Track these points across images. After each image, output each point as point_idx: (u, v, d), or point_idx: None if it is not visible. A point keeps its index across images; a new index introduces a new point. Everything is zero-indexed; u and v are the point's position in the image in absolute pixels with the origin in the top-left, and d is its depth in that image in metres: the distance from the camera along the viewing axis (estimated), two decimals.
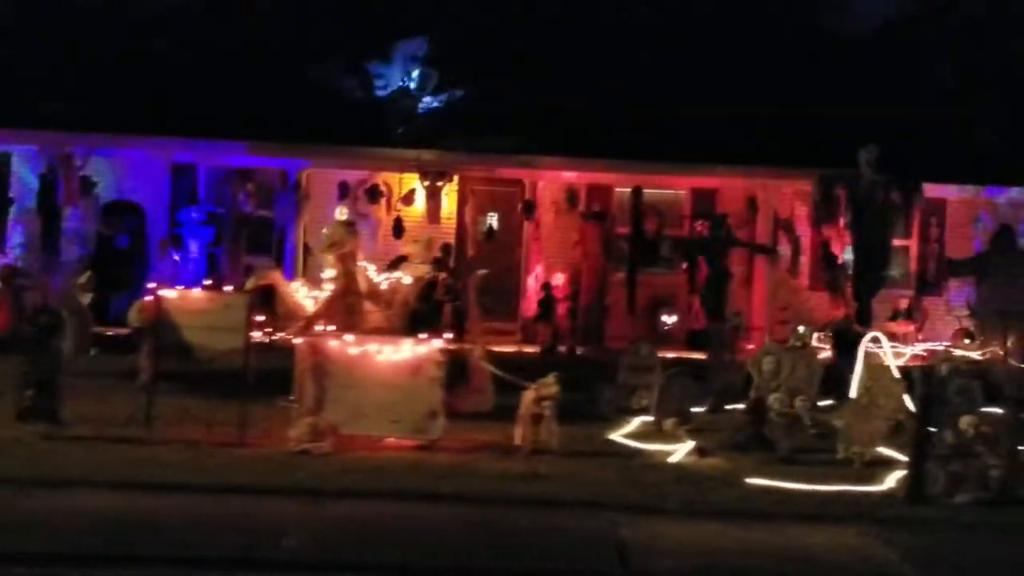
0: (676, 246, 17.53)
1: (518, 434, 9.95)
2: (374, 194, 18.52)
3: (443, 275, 18.27)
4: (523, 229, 19.15)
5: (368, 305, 10.83)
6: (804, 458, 10.16)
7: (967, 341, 19.36)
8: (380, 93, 18.79)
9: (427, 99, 18.83)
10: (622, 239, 18.97)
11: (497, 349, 16.41)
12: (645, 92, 18.54)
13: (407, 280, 11.20)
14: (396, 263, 17.77)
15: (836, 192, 15.68)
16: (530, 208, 18.47)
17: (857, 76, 18.19)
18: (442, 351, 9.91)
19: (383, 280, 11.17)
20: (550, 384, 9.97)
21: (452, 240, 18.83)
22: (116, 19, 18.64)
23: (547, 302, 18.03)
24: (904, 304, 19.65)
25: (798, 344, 17.90)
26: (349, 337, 9.82)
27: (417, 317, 17.47)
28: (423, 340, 9.90)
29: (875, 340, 12.37)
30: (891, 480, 9.21)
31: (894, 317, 19.55)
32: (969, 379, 11.45)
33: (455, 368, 11.50)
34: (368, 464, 9.08)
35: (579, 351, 17.09)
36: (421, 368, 9.74)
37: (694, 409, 11.65)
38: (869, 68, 18.57)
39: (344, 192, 18.59)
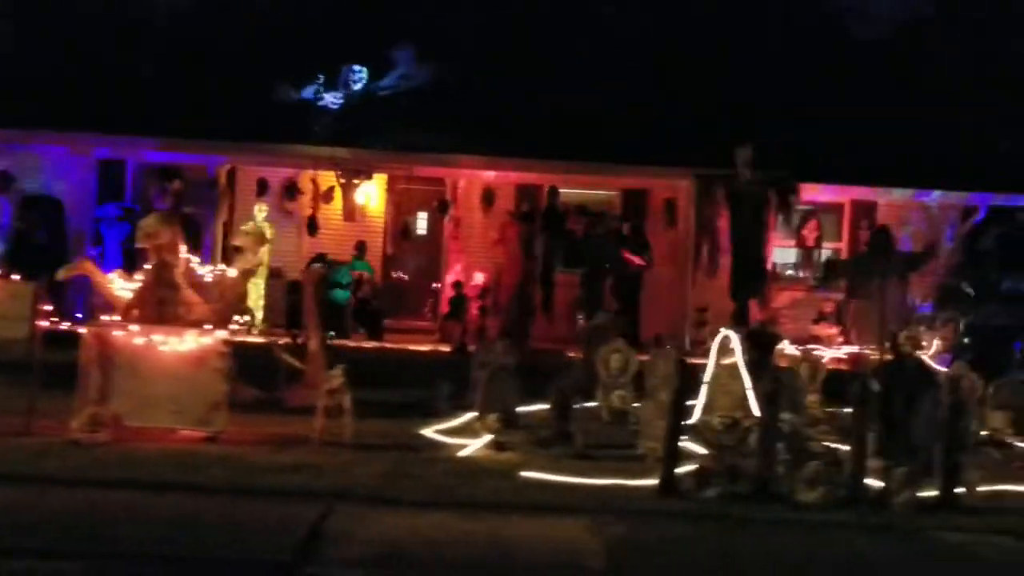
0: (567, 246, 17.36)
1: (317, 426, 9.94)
2: (292, 191, 18.56)
3: (365, 274, 18.37)
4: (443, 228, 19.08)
5: (192, 297, 10.79)
6: (602, 453, 10.14)
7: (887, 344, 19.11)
8: (307, 91, 18.77)
9: (352, 97, 18.77)
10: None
11: (412, 347, 16.60)
12: (572, 91, 18.41)
13: (232, 273, 11.17)
14: (314, 261, 17.96)
15: (714, 191, 15.46)
16: (444, 207, 18.39)
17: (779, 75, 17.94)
18: (226, 342, 9.89)
19: (207, 273, 11.14)
20: (335, 376, 9.95)
21: (378, 238, 18.84)
22: (38, 15, 18.81)
23: (457, 301, 17.95)
24: (829, 307, 19.40)
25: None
26: (135, 327, 9.81)
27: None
28: (207, 331, 9.86)
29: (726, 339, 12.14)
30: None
31: (818, 320, 19.34)
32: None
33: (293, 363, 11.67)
34: (135, 455, 9.13)
35: None
36: (205, 359, 9.75)
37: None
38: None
39: (263, 189, 18.64)
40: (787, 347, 14.18)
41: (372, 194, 19.14)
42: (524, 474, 9.17)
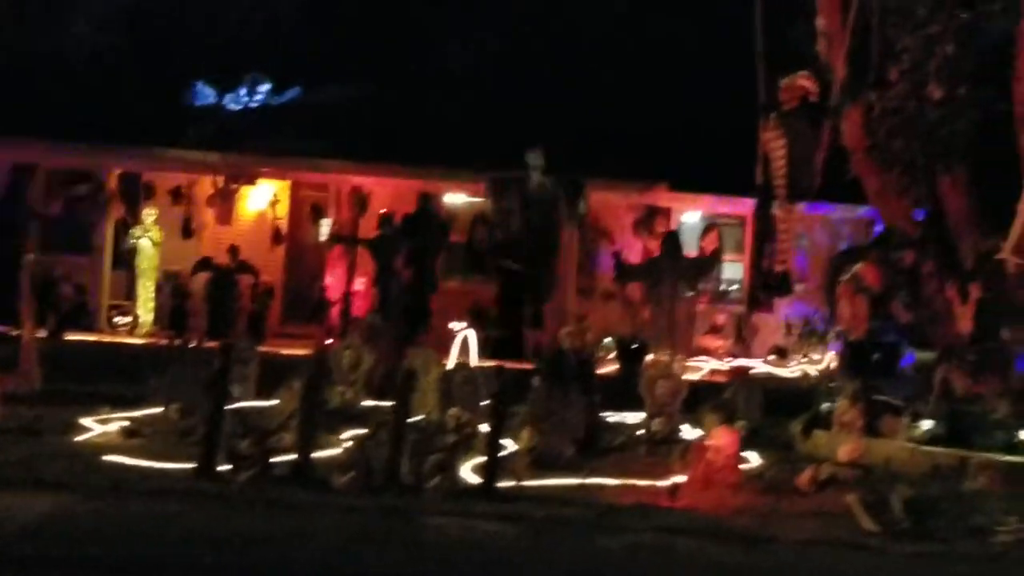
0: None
1: None
2: (176, 195, 19.06)
3: (245, 277, 18.75)
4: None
5: None
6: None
7: (772, 357, 18.65)
8: (194, 97, 19.31)
9: (235, 103, 19.24)
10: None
11: (286, 352, 16.82)
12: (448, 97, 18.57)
13: None
14: (200, 266, 18.46)
15: (507, 194, 15.30)
16: (319, 212, 18.64)
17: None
18: None
19: None
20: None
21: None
22: None
23: (319, 305, 18.16)
24: (721, 319, 19.05)
25: (601, 355, 17.67)
26: None
27: (213, 317, 18.14)
28: None
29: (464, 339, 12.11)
30: None
31: (710, 332, 19.03)
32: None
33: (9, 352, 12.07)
34: None
35: None
36: None
37: None
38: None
39: (148, 193, 19.20)
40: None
41: (264, 199, 19.43)
42: (106, 458, 9.20)
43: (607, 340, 18.07)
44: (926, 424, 10.83)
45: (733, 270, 20.55)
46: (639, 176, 18.78)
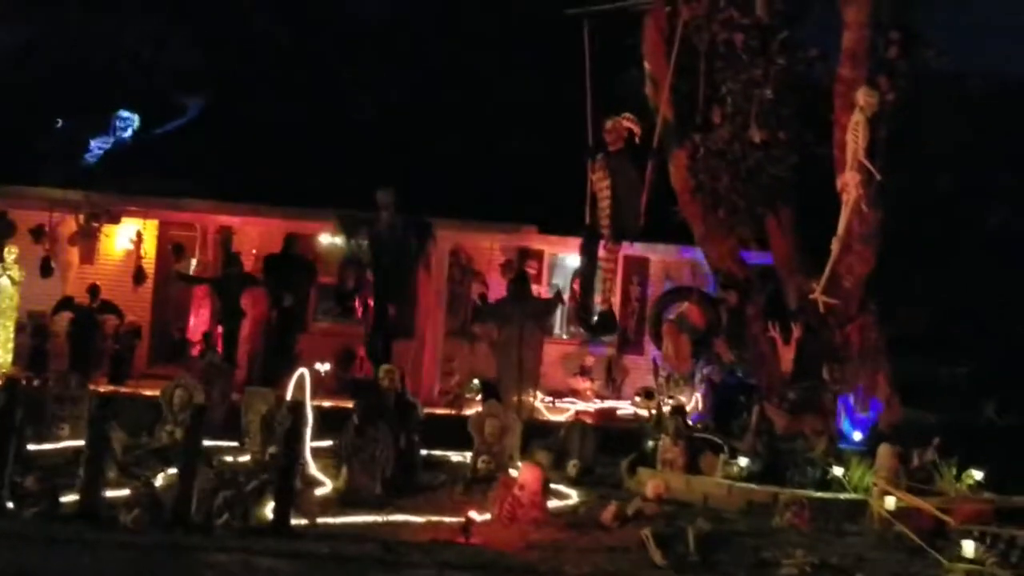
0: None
1: None
2: (38, 233, 18.73)
3: (109, 317, 18.42)
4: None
5: None
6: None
7: (638, 398, 18.72)
8: (59, 134, 19.10)
9: (102, 141, 19.06)
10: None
11: (149, 392, 16.49)
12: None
13: None
14: (61, 306, 18.10)
15: (359, 234, 15.36)
16: (179, 251, 18.43)
17: None
18: None
19: None
20: None
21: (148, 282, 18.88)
22: None
23: (180, 345, 17.93)
24: (589, 361, 19.13)
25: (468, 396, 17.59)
26: None
27: (75, 357, 17.76)
28: None
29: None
30: None
31: (578, 373, 19.12)
32: None
33: None
34: None
35: None
36: None
37: None
38: None
39: (9, 231, 18.82)
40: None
41: (129, 237, 19.15)
42: None
43: (475, 382, 18.03)
44: (743, 461, 10.96)
45: None
46: (507, 218, 18.86)
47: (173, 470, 9.44)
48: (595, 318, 11.86)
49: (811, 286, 11.14)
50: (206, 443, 11.94)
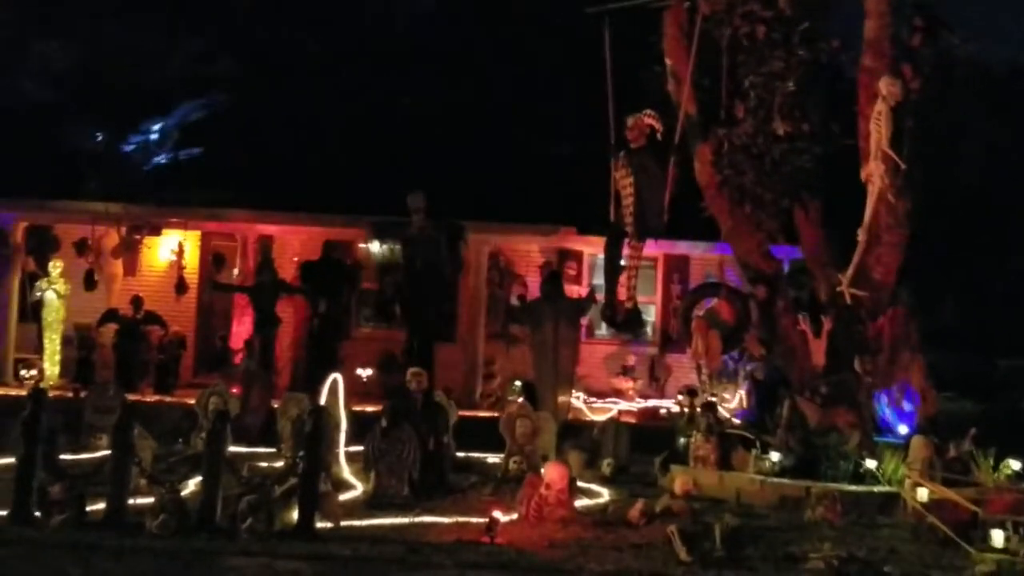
0: None
1: None
2: (81, 247, 19.05)
3: (154, 328, 18.69)
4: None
5: None
6: None
7: (681, 397, 18.65)
8: (103, 147, 19.39)
9: (144, 153, 19.34)
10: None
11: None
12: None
13: None
14: (107, 318, 18.41)
15: (391, 239, 15.45)
16: (220, 261, 18.65)
17: None
18: None
19: None
20: None
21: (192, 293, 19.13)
22: None
23: (222, 354, 18.14)
24: (631, 360, 19.10)
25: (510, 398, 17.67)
26: None
27: (121, 368, 18.04)
28: None
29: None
30: None
31: (620, 373, 19.11)
32: None
33: None
34: None
35: None
36: None
37: None
38: None
39: (54, 246, 19.17)
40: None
41: (171, 248, 19.40)
42: None
43: (516, 384, 18.05)
44: (775, 456, 10.88)
45: (646, 312, 20.58)
46: (545, 220, 18.86)
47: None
48: (619, 316, 11.80)
49: (838, 278, 11.00)
50: (243, 449, 12.24)
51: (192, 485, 9.89)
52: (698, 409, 11.82)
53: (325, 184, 18.48)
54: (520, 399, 17.45)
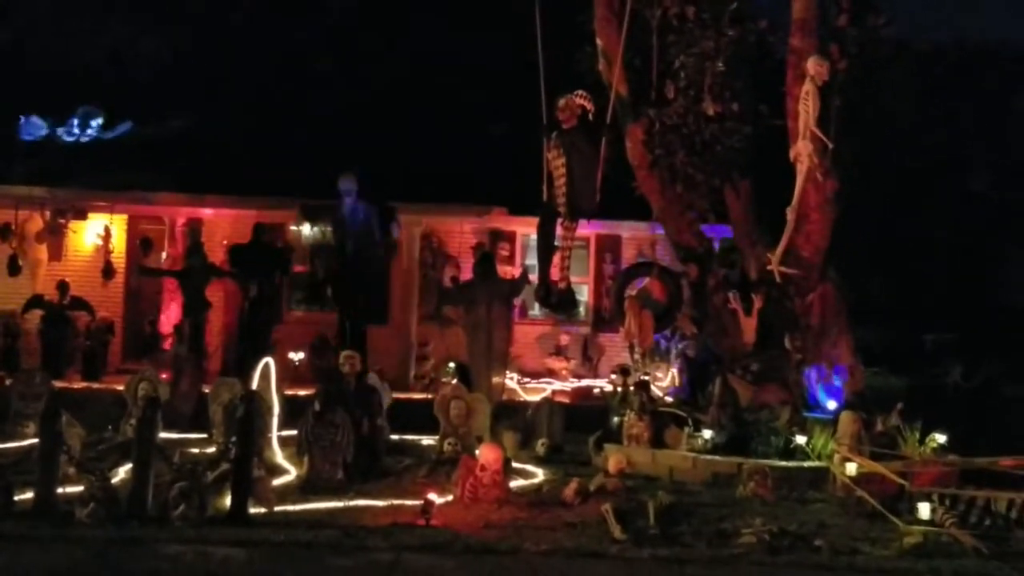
0: None
1: None
2: (4, 232, 18.63)
3: (80, 314, 18.34)
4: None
5: None
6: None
7: (615, 376, 18.74)
8: (23, 131, 18.96)
9: (67, 136, 18.94)
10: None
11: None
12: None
13: None
14: (32, 304, 18.03)
15: (322, 221, 15.34)
16: (147, 245, 18.36)
17: None
18: None
19: None
20: None
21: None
22: None
23: (151, 340, 17.88)
24: (565, 340, 19.16)
25: (444, 379, 17.60)
26: None
27: (48, 355, 17.66)
28: None
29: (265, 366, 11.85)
30: None
31: (553, 353, 19.17)
32: None
33: None
34: None
35: None
36: None
37: None
38: None
39: None
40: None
41: (97, 232, 19.05)
42: None
43: (450, 365, 18.04)
44: (707, 433, 10.99)
45: (579, 292, 20.65)
46: (477, 201, 18.82)
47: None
48: (553, 297, 11.82)
49: (768, 257, 11.12)
50: (175, 435, 12.09)
51: (122, 473, 9.78)
52: (631, 388, 11.88)
53: (254, 166, 18.21)
54: (454, 380, 17.48)
